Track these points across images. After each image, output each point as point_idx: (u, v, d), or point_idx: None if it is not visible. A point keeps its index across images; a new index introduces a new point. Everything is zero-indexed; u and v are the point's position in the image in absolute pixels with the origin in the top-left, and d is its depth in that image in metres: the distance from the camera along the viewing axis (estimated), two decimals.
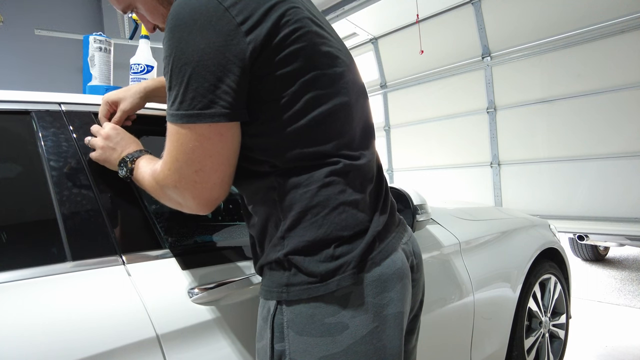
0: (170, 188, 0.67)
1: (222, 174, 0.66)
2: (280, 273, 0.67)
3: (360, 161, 0.71)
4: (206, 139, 0.62)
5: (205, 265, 0.87)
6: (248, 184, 0.72)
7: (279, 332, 0.66)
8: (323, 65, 0.67)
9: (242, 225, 1.07)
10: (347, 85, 0.72)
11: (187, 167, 0.64)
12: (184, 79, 0.60)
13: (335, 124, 0.68)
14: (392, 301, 0.67)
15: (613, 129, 3.45)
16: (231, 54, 0.60)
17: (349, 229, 0.66)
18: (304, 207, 0.65)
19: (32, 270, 0.70)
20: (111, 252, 0.78)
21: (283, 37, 0.62)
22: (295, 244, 0.65)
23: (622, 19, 3.32)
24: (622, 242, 3.57)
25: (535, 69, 3.88)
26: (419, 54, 4.12)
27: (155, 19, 0.80)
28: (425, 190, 1.64)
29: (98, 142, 0.83)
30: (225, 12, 0.59)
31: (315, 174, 0.66)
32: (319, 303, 0.64)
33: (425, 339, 0.93)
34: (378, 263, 0.67)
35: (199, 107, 0.60)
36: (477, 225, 1.66)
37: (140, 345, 0.71)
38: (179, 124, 0.62)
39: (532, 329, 1.80)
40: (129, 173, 0.79)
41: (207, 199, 0.67)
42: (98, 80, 1.16)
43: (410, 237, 0.82)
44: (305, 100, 0.65)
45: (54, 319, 0.66)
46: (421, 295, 0.84)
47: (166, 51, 0.62)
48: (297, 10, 0.65)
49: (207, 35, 0.59)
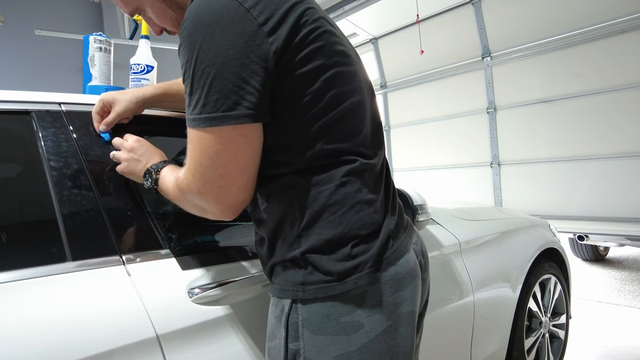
0: (194, 194, 0.66)
1: (247, 176, 0.65)
2: (295, 271, 0.67)
3: (374, 160, 0.72)
4: (231, 142, 0.62)
5: (205, 265, 0.87)
6: (264, 184, 0.71)
7: (294, 331, 0.65)
8: (340, 63, 0.68)
9: (242, 226, 1.07)
10: (360, 83, 0.73)
11: (212, 172, 0.63)
12: (207, 81, 0.59)
13: (352, 121, 0.69)
14: (406, 300, 0.68)
15: (613, 129, 3.44)
16: (254, 54, 0.59)
17: (365, 227, 0.66)
18: (321, 205, 0.66)
19: (32, 270, 0.70)
20: (111, 252, 0.78)
21: (303, 37, 0.63)
22: (312, 243, 0.65)
23: (622, 19, 3.31)
24: (622, 242, 3.57)
25: (535, 69, 3.88)
26: (419, 54, 4.12)
27: (164, 22, 0.80)
28: (425, 190, 1.64)
29: (122, 155, 0.83)
30: (246, 13, 0.59)
31: (333, 173, 0.66)
32: (335, 302, 0.64)
33: (426, 339, 0.93)
34: (393, 262, 0.68)
35: (223, 109, 0.60)
36: (477, 226, 1.66)
37: (140, 345, 0.71)
38: (201, 128, 0.62)
39: (532, 329, 1.80)
40: (154, 184, 0.78)
41: (232, 204, 0.66)
42: (98, 80, 1.16)
43: (419, 237, 0.83)
44: (327, 97, 0.66)
45: (54, 319, 0.66)
46: (427, 295, 0.85)
47: (187, 55, 0.61)
48: (314, 11, 0.66)
49: (230, 37, 0.59)
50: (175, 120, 1.02)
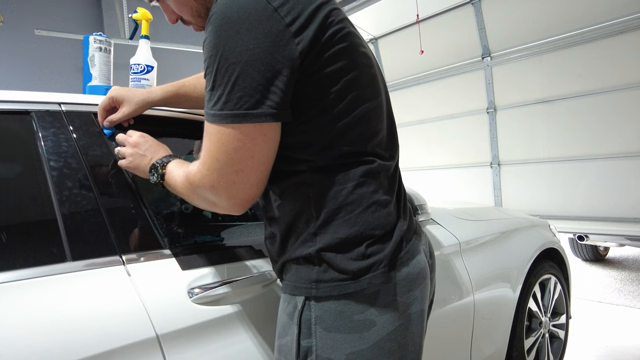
0: (207, 188, 0.66)
1: (261, 174, 0.66)
2: (308, 269, 0.67)
3: (390, 162, 0.73)
4: (250, 139, 0.62)
5: (205, 265, 0.87)
6: (280, 181, 0.71)
7: (307, 328, 0.66)
8: (362, 65, 0.69)
9: (242, 226, 1.07)
10: (379, 85, 0.74)
11: (228, 167, 0.63)
12: (231, 78, 0.60)
13: (371, 122, 0.70)
14: (417, 300, 0.69)
15: (613, 130, 3.44)
16: (280, 54, 0.60)
17: (380, 228, 0.67)
18: (339, 204, 0.66)
19: (32, 270, 0.70)
20: (111, 252, 0.78)
21: (329, 37, 0.63)
22: (328, 241, 0.66)
23: (622, 19, 3.31)
24: (622, 242, 3.57)
25: (535, 69, 3.88)
26: (419, 54, 4.12)
27: (183, 11, 0.78)
28: (425, 190, 1.64)
29: (127, 150, 0.83)
30: (274, 12, 0.59)
31: (351, 172, 0.67)
32: (348, 300, 0.65)
33: (426, 339, 0.93)
34: (406, 263, 0.69)
35: (245, 107, 0.60)
36: (477, 226, 1.66)
37: (140, 345, 0.71)
38: (222, 124, 0.62)
39: (532, 329, 1.80)
40: (160, 179, 0.78)
41: (243, 199, 0.67)
42: (98, 80, 1.16)
43: (427, 239, 0.84)
44: (349, 98, 0.66)
45: (54, 319, 0.66)
46: (432, 295, 0.86)
47: (211, 50, 0.61)
48: (339, 12, 0.67)
49: (256, 35, 0.59)
50: (177, 120, 1.02)
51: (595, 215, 3.52)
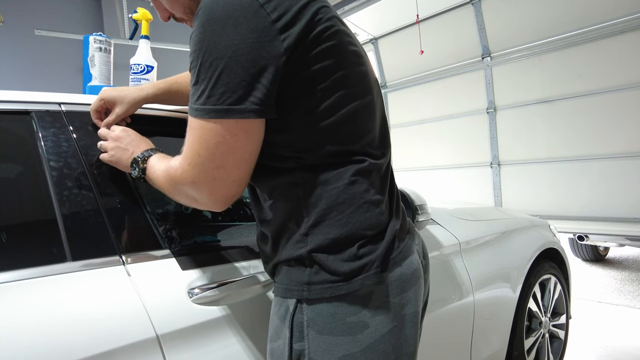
0: (188, 184, 0.66)
1: (242, 171, 0.65)
2: (300, 271, 0.67)
3: (381, 160, 0.72)
4: (231, 135, 0.61)
5: (205, 265, 0.87)
6: (269, 180, 0.71)
7: (299, 331, 0.65)
8: (351, 63, 0.68)
9: (242, 226, 1.07)
10: (370, 84, 0.73)
11: (209, 163, 0.63)
12: (215, 73, 0.59)
13: (361, 121, 0.69)
14: (410, 301, 0.68)
15: (613, 129, 3.45)
16: (265, 51, 0.59)
17: (372, 228, 0.66)
18: (330, 204, 0.65)
19: (32, 271, 0.69)
20: (111, 252, 0.78)
21: (316, 35, 0.63)
22: (319, 241, 0.65)
23: (622, 19, 3.32)
24: (622, 242, 3.58)
25: (535, 69, 3.88)
26: (419, 54, 4.12)
27: (175, 8, 0.78)
28: (425, 190, 1.64)
29: (109, 144, 0.83)
30: (260, 9, 0.59)
31: (342, 171, 0.66)
32: (340, 302, 0.64)
33: (425, 339, 0.93)
34: (399, 263, 0.68)
35: (228, 103, 0.60)
36: (477, 226, 1.66)
37: (140, 346, 0.71)
38: (204, 119, 0.61)
39: (532, 329, 1.80)
40: (142, 173, 0.78)
41: (224, 196, 0.66)
42: (98, 80, 1.16)
43: (420, 238, 0.83)
44: (336, 97, 0.65)
45: (54, 319, 0.66)
46: (426, 296, 0.85)
47: (195, 45, 0.61)
48: (328, 9, 0.66)
49: (241, 31, 0.58)
50: (169, 119, 1.02)
51: (595, 216, 3.52)
